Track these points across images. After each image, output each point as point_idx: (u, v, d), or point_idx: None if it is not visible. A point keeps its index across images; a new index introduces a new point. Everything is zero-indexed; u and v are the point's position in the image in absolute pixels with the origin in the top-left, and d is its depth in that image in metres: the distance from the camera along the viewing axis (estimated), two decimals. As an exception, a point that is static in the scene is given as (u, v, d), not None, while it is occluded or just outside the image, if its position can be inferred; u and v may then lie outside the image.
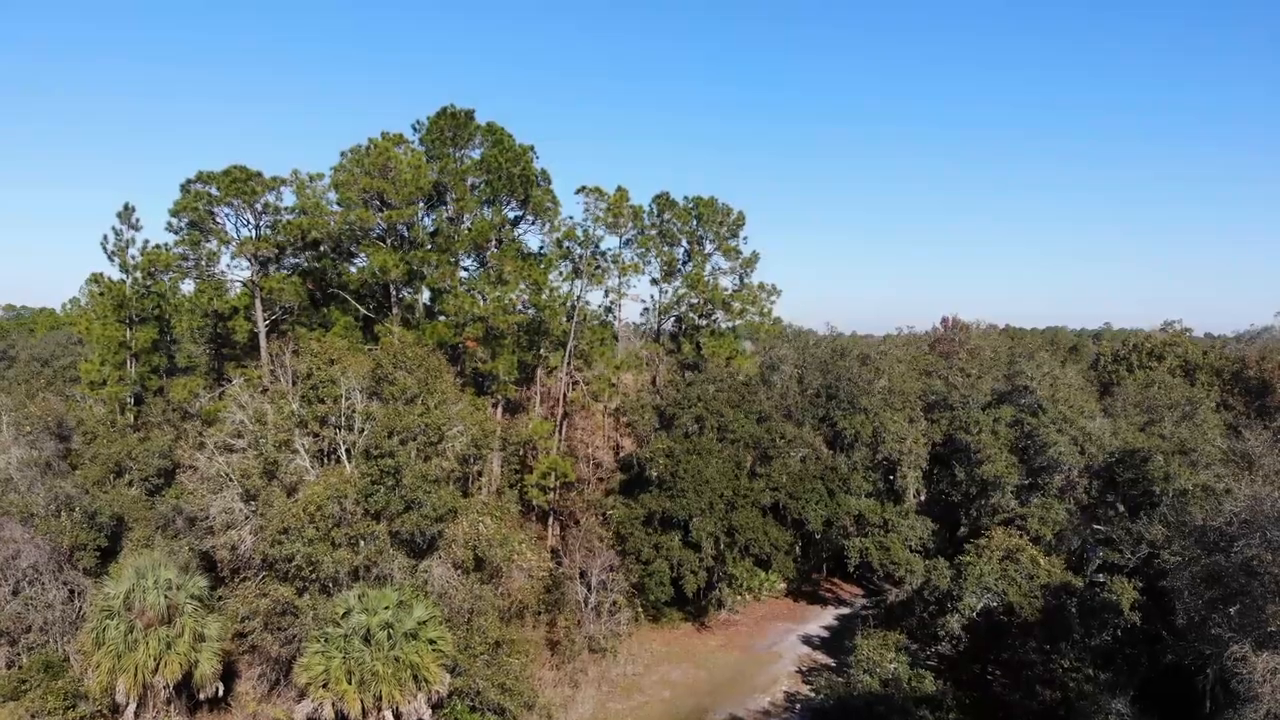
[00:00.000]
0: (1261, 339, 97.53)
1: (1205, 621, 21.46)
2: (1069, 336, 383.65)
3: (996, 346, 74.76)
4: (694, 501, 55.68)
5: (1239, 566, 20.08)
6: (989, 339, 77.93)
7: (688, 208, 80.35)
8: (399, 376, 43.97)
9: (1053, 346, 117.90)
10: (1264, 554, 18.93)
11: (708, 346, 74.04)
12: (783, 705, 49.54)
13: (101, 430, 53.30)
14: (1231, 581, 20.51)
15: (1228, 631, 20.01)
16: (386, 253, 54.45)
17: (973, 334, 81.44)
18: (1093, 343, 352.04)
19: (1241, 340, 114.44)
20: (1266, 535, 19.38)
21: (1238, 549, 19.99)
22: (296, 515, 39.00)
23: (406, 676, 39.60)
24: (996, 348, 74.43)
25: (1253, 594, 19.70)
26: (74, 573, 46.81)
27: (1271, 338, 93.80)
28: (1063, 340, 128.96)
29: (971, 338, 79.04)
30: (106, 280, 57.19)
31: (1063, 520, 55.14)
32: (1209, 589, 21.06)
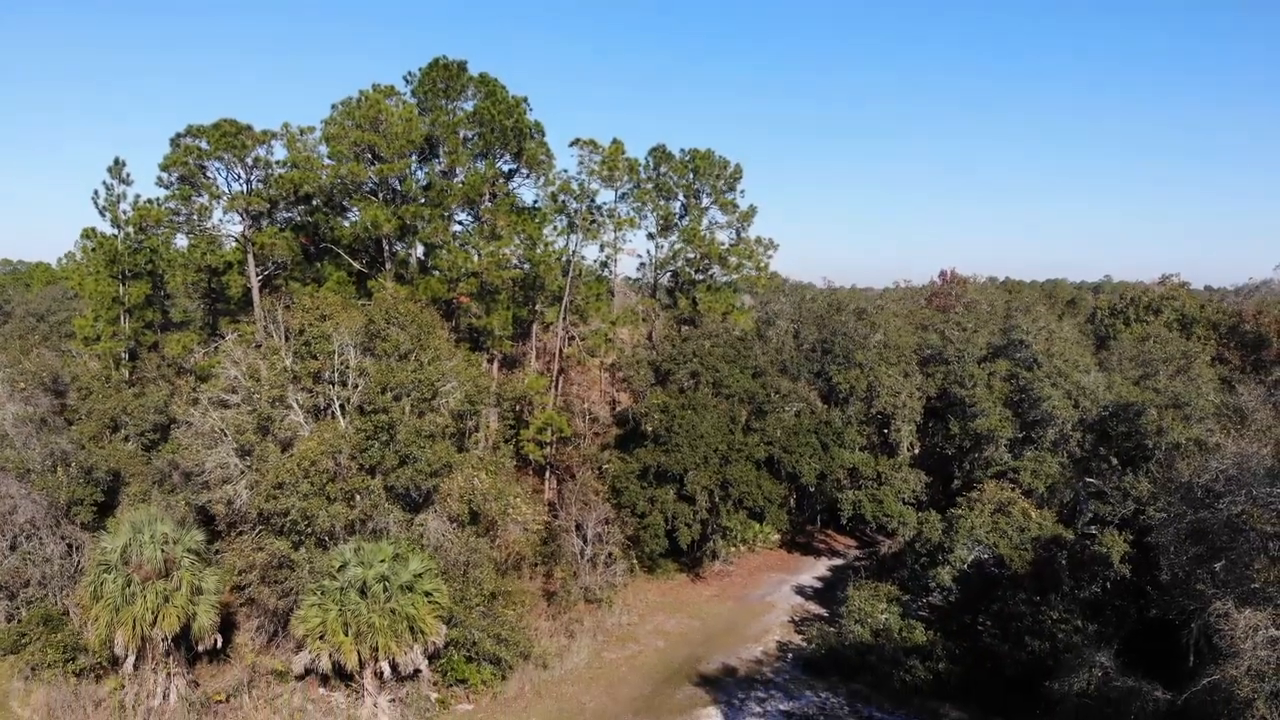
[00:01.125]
0: (1260, 292, 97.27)
1: (1190, 577, 21.66)
2: (1068, 289, 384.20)
3: (994, 300, 74.57)
4: (689, 456, 55.92)
5: (1224, 523, 20.18)
6: (986, 293, 77.68)
7: (684, 160, 79.58)
8: (392, 333, 43.89)
9: (1050, 300, 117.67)
10: (1250, 509, 19.01)
11: (704, 301, 73.81)
12: (775, 654, 50.20)
13: (97, 386, 53.32)
14: (1216, 538, 20.65)
15: (1211, 588, 20.18)
16: (378, 207, 54.00)
17: (970, 288, 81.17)
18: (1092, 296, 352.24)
19: (1240, 294, 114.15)
20: (1252, 492, 19.46)
21: (1223, 505, 20.09)
22: (291, 470, 39.17)
23: (403, 628, 40.10)
24: (994, 301, 74.25)
25: (1237, 550, 19.83)
26: (71, 527, 47.17)
27: (1270, 291, 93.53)
28: (1061, 293, 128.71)
29: (969, 291, 78.80)
30: (99, 235, 56.80)
31: (1055, 474, 55.48)
32: (1194, 545, 21.21)
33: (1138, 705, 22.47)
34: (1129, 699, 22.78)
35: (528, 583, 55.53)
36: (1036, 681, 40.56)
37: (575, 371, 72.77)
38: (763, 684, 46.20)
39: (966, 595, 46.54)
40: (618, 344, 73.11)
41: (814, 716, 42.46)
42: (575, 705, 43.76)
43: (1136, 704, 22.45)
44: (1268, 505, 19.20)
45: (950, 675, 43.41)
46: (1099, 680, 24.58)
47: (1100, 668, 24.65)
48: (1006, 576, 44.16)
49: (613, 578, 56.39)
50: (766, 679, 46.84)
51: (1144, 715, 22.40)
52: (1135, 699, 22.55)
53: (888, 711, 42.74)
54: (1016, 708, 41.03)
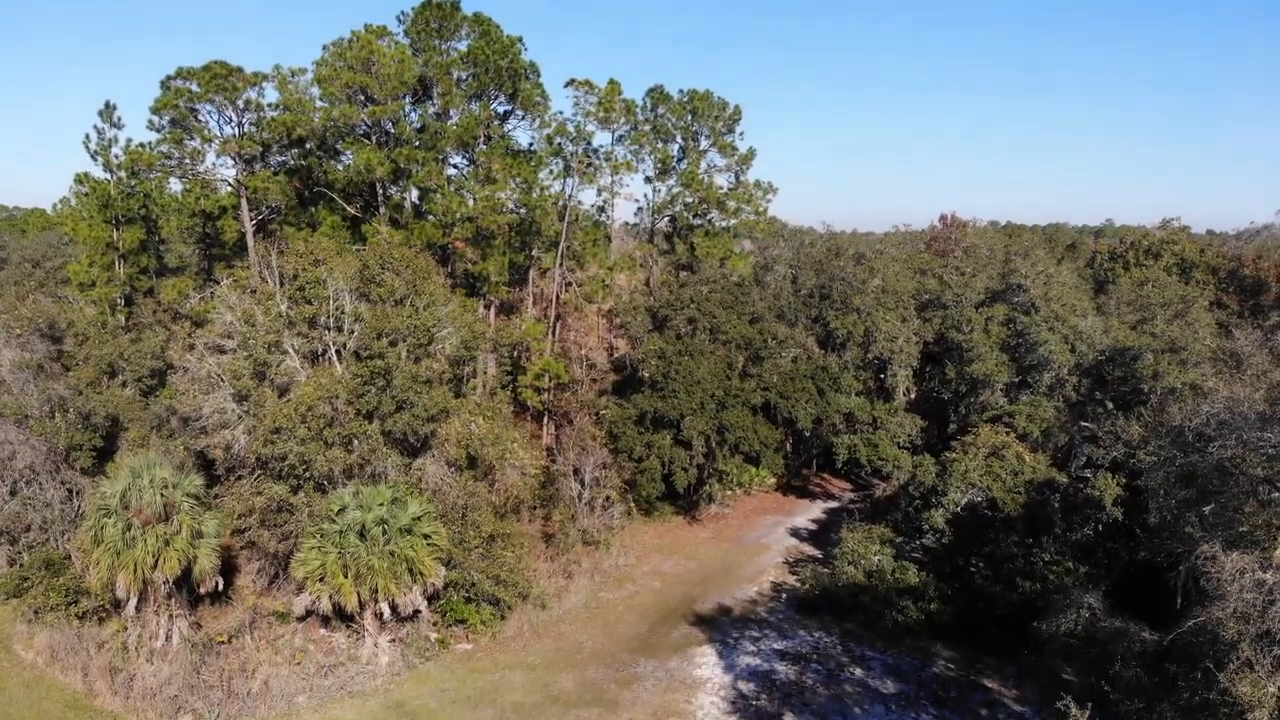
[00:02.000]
0: (1260, 237, 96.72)
1: (1178, 520, 21.83)
2: (1069, 233, 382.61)
3: (993, 244, 74.09)
4: (685, 401, 56.09)
5: (1214, 467, 20.26)
6: (985, 236, 77.15)
7: (682, 101, 78.48)
8: (386, 278, 43.68)
9: (1050, 244, 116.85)
10: (1241, 453, 19.06)
11: (702, 247, 73.37)
12: (769, 594, 50.91)
13: (93, 332, 53.22)
14: (1206, 482, 20.75)
15: (1199, 531, 20.34)
16: (371, 150, 53.33)
17: (969, 232, 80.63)
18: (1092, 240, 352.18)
19: (1241, 238, 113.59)
20: (1243, 436, 19.51)
21: (1214, 449, 20.16)
22: (288, 415, 39.28)
23: (402, 570, 40.60)
24: (993, 246, 73.78)
25: (1227, 494, 19.93)
26: (71, 472, 47.45)
27: (1270, 236, 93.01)
28: (1061, 238, 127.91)
29: (968, 236, 78.28)
30: (91, 180, 56.14)
31: (1050, 418, 55.72)
32: (1183, 489, 21.33)
33: (1124, 645, 22.87)
34: (1116, 639, 23.17)
35: (526, 525, 56.01)
36: (1027, 622, 41.24)
37: (573, 318, 72.64)
38: (757, 623, 46.93)
39: (959, 537, 47.04)
40: (615, 290, 72.86)
41: (807, 655, 43.18)
42: (573, 644, 44.47)
43: (1123, 644, 22.86)
44: (1258, 449, 19.26)
45: (942, 615, 44.08)
46: (1086, 621, 25.00)
47: (1088, 608, 25.04)
48: (999, 519, 44.60)
49: (610, 521, 56.95)
50: (761, 618, 47.56)
51: (1130, 655, 22.82)
52: (1122, 639, 22.94)
53: (880, 651, 43.48)
54: (1007, 647, 41.81)
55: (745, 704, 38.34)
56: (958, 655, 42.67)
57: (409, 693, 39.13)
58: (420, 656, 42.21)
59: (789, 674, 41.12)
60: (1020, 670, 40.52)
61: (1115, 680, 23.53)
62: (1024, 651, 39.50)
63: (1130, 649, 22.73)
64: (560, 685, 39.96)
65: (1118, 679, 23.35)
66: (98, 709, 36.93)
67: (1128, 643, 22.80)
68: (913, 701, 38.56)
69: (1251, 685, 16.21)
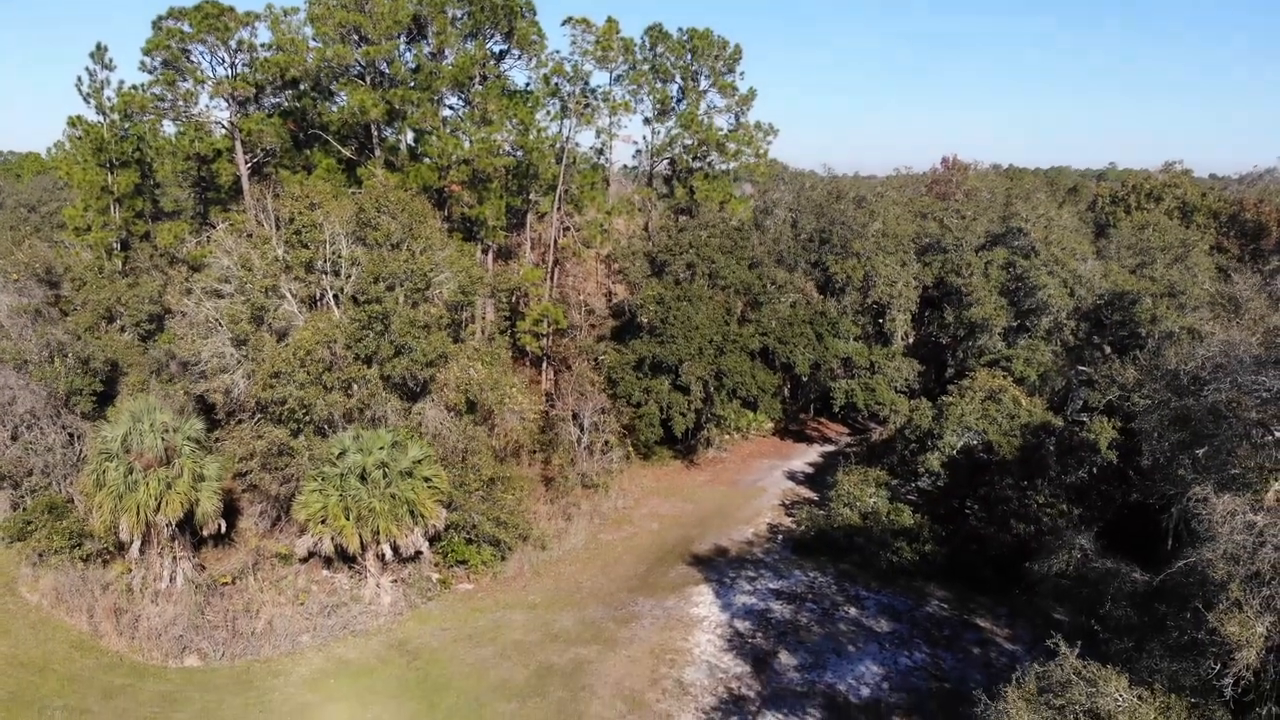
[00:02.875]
0: (1264, 180, 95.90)
1: (1171, 463, 22.01)
2: (1071, 176, 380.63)
3: (994, 188, 73.49)
4: (684, 347, 56.12)
5: (1208, 410, 20.34)
6: (986, 180, 76.46)
7: (682, 40, 77.12)
8: (382, 221, 43.39)
9: (1052, 188, 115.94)
10: (1236, 396, 19.12)
11: (701, 190, 72.67)
12: (765, 535, 51.54)
13: (90, 277, 52.98)
14: (1200, 425, 20.86)
15: (1192, 473, 20.52)
16: (365, 91, 52.52)
17: (971, 175, 79.91)
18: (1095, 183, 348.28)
19: (1244, 182, 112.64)
20: (1238, 379, 19.55)
21: (1208, 393, 20.24)
22: (287, 360, 39.34)
23: (403, 512, 41.02)
24: (994, 189, 73.18)
25: (1220, 437, 20.04)
26: (71, 417, 47.64)
27: (1274, 179, 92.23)
28: (1063, 181, 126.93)
29: (969, 179, 77.58)
30: (85, 123, 55.33)
31: (1048, 362, 55.86)
32: (1176, 431, 21.45)
33: (1115, 586, 23.23)
34: (1107, 579, 23.52)
35: (526, 469, 56.50)
36: (1020, 563, 41.68)
37: (571, 263, 72.28)
38: (753, 563, 47.58)
39: (954, 480, 47.43)
40: (614, 235, 72.41)
41: (802, 594, 43.87)
42: (572, 584, 45.14)
43: (1114, 584, 23.21)
44: (1252, 393, 19.34)
45: (936, 556, 44.68)
46: (1078, 562, 25.34)
47: (1080, 549, 25.38)
48: (994, 462, 44.95)
49: (609, 464, 57.39)
50: (757, 559, 48.21)
51: (1121, 595, 23.21)
52: (1113, 579, 23.29)
53: (874, 591, 44.17)
54: (1000, 588, 42.45)
55: (741, 642, 39.05)
56: (951, 595, 43.36)
57: (411, 631, 39.83)
58: (422, 596, 42.88)
59: (784, 613, 41.82)
60: (1012, 610, 41.25)
61: (1105, 620, 23.97)
62: (1016, 591, 40.09)
63: (1121, 589, 23.11)
64: (560, 623, 40.66)
65: (1107, 618, 23.79)
66: (103, 649, 37.58)
67: (1119, 583, 23.18)
68: (906, 640, 39.30)
69: (1240, 625, 16.49)
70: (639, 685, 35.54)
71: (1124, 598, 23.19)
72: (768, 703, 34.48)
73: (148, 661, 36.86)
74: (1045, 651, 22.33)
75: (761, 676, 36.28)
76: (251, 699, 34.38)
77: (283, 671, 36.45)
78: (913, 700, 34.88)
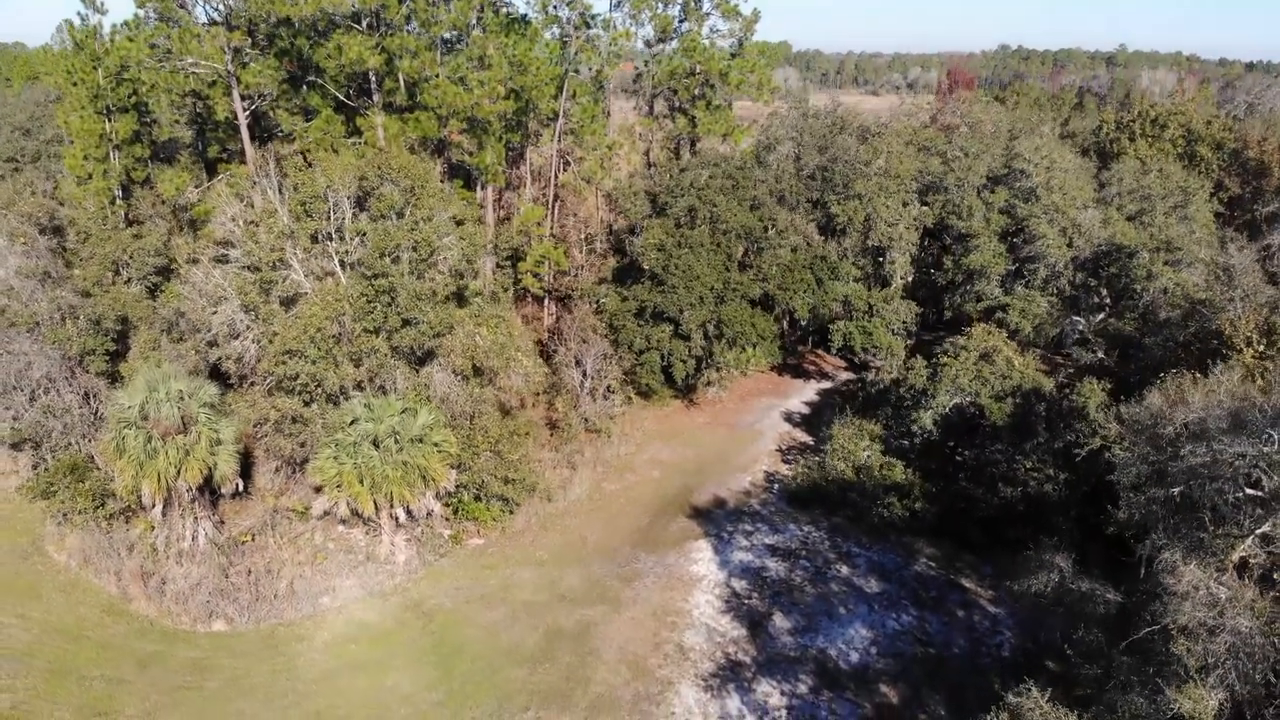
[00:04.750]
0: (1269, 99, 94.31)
1: (1147, 517, 23.16)
2: (1082, 59, 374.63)
3: (998, 120, 72.66)
4: (684, 296, 56.80)
5: (1185, 470, 21.44)
6: (990, 111, 75.51)
7: (683, -40, 75.04)
8: (385, 190, 43.51)
9: (1057, 103, 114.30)
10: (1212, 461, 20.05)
11: (703, 123, 71.86)
12: (762, 485, 53.41)
13: (95, 229, 53.12)
14: (1175, 481, 21.98)
15: (1163, 535, 21.79)
16: (363, 40, 51.47)
17: (975, 107, 78.78)
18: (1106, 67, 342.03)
19: (1257, 69, 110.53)
20: (1213, 445, 20.57)
21: (1185, 455, 21.29)
22: (297, 338, 40.18)
23: (415, 477, 42.63)
24: (998, 122, 72.37)
25: (1194, 497, 21.20)
26: (86, 376, 48.70)
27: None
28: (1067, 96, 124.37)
29: (974, 110, 76.56)
30: (78, 68, 54.22)
31: (1043, 313, 56.70)
32: (1154, 486, 22.57)
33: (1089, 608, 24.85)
34: (1082, 601, 25.12)
35: (531, 411, 57.91)
36: (1006, 525, 43.90)
37: (571, 199, 72.11)
38: (750, 516, 49.59)
39: (946, 437, 48.98)
40: (613, 171, 72.01)
41: (796, 550, 46.00)
42: (578, 538, 47.20)
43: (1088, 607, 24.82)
44: (1228, 460, 20.39)
45: (926, 513, 46.55)
46: (1055, 584, 26.97)
47: (1058, 570, 26.96)
48: (985, 426, 46.38)
49: (611, 409, 58.89)
50: (754, 511, 50.20)
51: (1093, 619, 24.85)
52: (1088, 602, 24.88)
53: (865, 546, 46.29)
54: (986, 547, 44.55)
55: (738, 603, 41.28)
56: (939, 553, 45.48)
57: (426, 591, 41.99)
58: (435, 554, 44.93)
59: (779, 570, 43.99)
60: (996, 570, 43.37)
61: (1076, 644, 25.72)
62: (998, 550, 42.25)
63: (1094, 611, 24.77)
64: (567, 582, 42.83)
65: (1079, 643, 25.53)
66: (134, 614, 39.70)
67: (1091, 606, 24.80)
68: (894, 601, 41.54)
69: (1194, 700, 18.03)
70: (642, 650, 37.85)
71: (1095, 621, 24.86)
72: (763, 669, 36.82)
73: (177, 626, 39.04)
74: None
75: (757, 641, 38.58)
76: (279, 665, 36.67)
77: (306, 635, 38.70)
78: (899, 666, 37.23)
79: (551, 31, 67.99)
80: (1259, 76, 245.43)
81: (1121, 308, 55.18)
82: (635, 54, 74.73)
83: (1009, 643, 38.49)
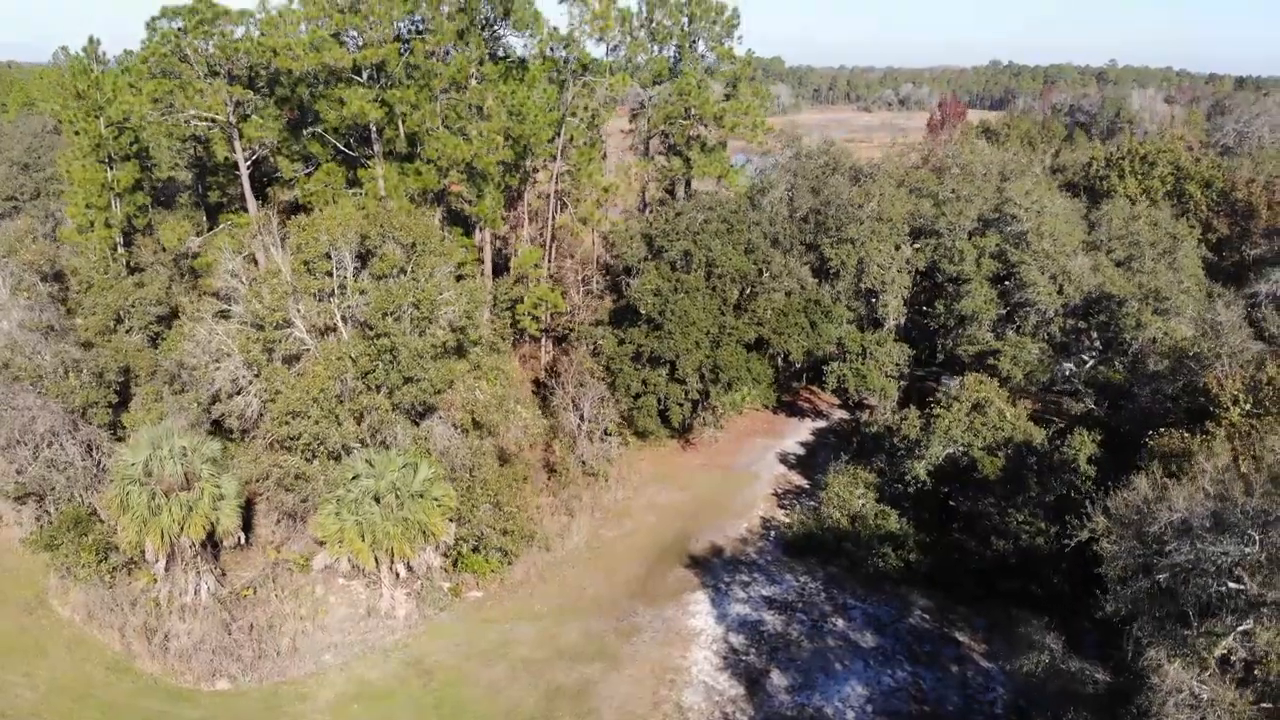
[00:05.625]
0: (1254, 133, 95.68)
1: (1133, 615, 23.80)
2: (1072, 74, 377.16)
3: (989, 162, 73.70)
4: (680, 341, 57.54)
5: (1170, 568, 22.10)
6: (980, 153, 76.55)
7: (679, 4, 76.33)
8: (387, 250, 44.19)
9: (1046, 134, 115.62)
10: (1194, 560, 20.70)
11: (698, 165, 72.86)
12: (759, 532, 53.98)
13: (97, 278, 53.65)
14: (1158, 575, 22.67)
15: (1148, 633, 22.48)
16: (363, 94, 52.25)
17: (966, 148, 79.91)
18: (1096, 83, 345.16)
19: (1243, 86, 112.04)
20: (1197, 544, 21.27)
21: (1169, 551, 21.96)
22: (301, 399, 40.74)
23: (415, 533, 43.10)
24: (988, 163, 73.41)
25: (1178, 595, 21.90)
26: (89, 428, 49.11)
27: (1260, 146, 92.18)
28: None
29: (965, 151, 77.66)
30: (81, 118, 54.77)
31: (1034, 361, 57.50)
32: (1141, 579, 23.25)
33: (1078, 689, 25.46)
34: (1072, 682, 25.75)
35: (528, 453, 58.46)
36: (998, 578, 44.57)
37: (568, 240, 72.92)
38: (747, 566, 50.14)
39: (939, 486, 49.63)
40: (612, 203, 72.95)
41: (793, 602, 46.55)
42: (576, 590, 47.69)
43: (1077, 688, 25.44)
44: (1212, 559, 21.11)
45: (920, 564, 47.17)
46: (1046, 664, 27.60)
47: (1049, 651, 27.60)
48: (977, 478, 47.07)
49: (608, 452, 59.40)
50: (751, 560, 50.75)
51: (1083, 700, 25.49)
52: (1077, 682, 25.50)
53: (860, 598, 46.87)
54: (979, 599, 45.17)
55: (736, 659, 41.81)
56: (932, 604, 46.04)
57: (426, 647, 42.43)
58: (435, 607, 45.37)
59: (776, 624, 44.52)
60: (989, 623, 43.99)
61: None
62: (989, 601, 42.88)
63: (1083, 691, 25.41)
64: (566, 637, 43.30)
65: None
66: (138, 671, 40.07)
67: (1082, 685, 25.45)
68: (890, 657, 42.11)
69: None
70: (641, 709, 38.34)
71: (1086, 702, 25.51)
72: (760, 729, 37.36)
73: (181, 685, 39.43)
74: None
75: (755, 699, 39.10)
76: (283, 727, 37.08)
77: (309, 694, 39.11)
78: (894, 725, 37.82)
79: (549, 75, 68.95)
80: (1248, 95, 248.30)
81: (1111, 354, 56.03)
82: (631, 95, 75.59)
83: (1002, 700, 39.03)
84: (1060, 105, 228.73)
